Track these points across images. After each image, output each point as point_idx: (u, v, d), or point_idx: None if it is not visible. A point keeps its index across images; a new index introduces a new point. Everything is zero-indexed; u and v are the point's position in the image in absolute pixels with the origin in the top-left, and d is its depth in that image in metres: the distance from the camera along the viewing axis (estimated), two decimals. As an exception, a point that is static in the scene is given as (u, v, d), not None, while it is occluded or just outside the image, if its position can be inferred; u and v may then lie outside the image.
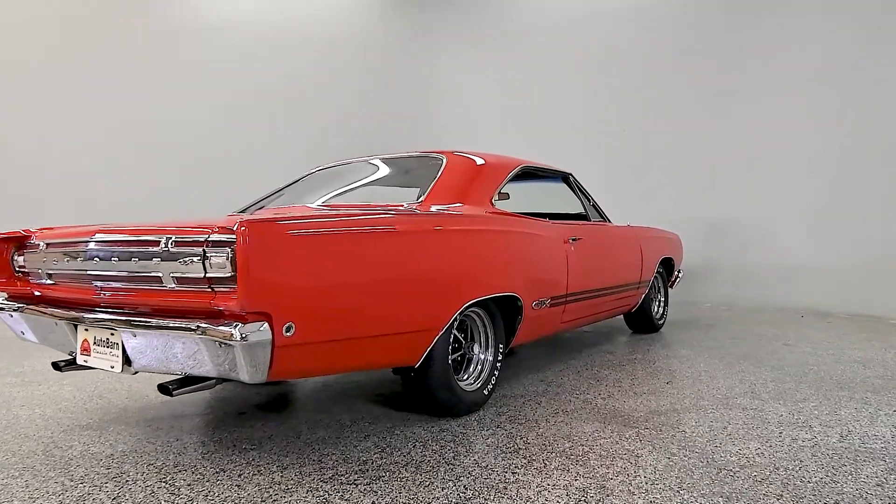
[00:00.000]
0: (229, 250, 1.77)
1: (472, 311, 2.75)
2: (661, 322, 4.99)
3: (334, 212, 2.44)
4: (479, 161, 3.18)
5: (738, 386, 3.14)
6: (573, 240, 3.43)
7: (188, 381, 2.01)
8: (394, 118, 8.10)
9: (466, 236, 2.59)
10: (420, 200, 2.72)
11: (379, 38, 8.55)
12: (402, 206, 2.67)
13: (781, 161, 6.54)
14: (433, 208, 2.67)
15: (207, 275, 1.83)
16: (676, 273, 5.28)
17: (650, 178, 7.28)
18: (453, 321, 2.50)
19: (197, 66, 7.42)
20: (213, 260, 1.81)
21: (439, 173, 2.93)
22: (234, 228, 1.72)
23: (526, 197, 4.14)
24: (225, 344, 1.74)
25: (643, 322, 4.81)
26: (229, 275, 1.77)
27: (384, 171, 3.31)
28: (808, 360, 3.78)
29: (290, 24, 7.98)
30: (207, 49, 7.47)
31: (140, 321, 1.96)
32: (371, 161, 3.45)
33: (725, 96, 6.87)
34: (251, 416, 2.71)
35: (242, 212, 3.24)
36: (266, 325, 1.75)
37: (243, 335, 1.70)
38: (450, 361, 2.53)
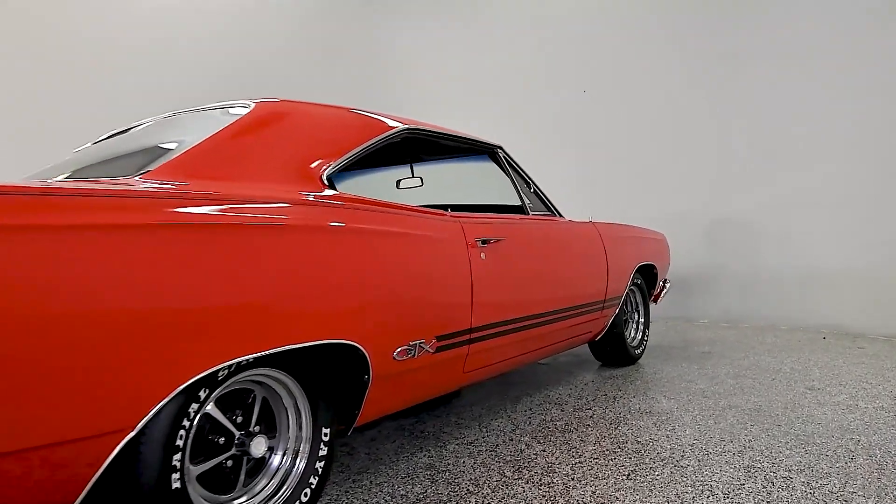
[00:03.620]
0: None
1: (260, 376, 1.52)
2: (639, 351, 3.73)
3: None
4: (310, 115, 1.94)
5: (745, 483, 1.90)
6: (484, 242, 2.19)
7: None
8: (341, 92, 6.85)
9: (225, 237, 1.35)
10: (140, 173, 1.47)
11: (323, 4, 7.31)
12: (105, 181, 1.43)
13: (800, 144, 5.21)
14: (225, 191, 1.43)
15: None
16: (661, 284, 4.03)
17: (634, 166, 5.99)
18: (184, 405, 1.27)
19: (101, 31, 6.17)
20: None
21: (216, 130, 1.69)
22: None
23: (428, 180, 2.94)
24: None
25: (614, 352, 3.56)
26: None
27: (172, 132, 2.06)
28: (850, 422, 2.53)
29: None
30: (117, 8, 6.22)
31: None
32: (169, 119, 2.20)
33: (729, 62, 5.55)
34: None
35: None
36: None
37: None
38: (179, 485, 1.29)
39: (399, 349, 1.79)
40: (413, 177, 3.18)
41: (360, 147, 1.93)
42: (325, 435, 1.64)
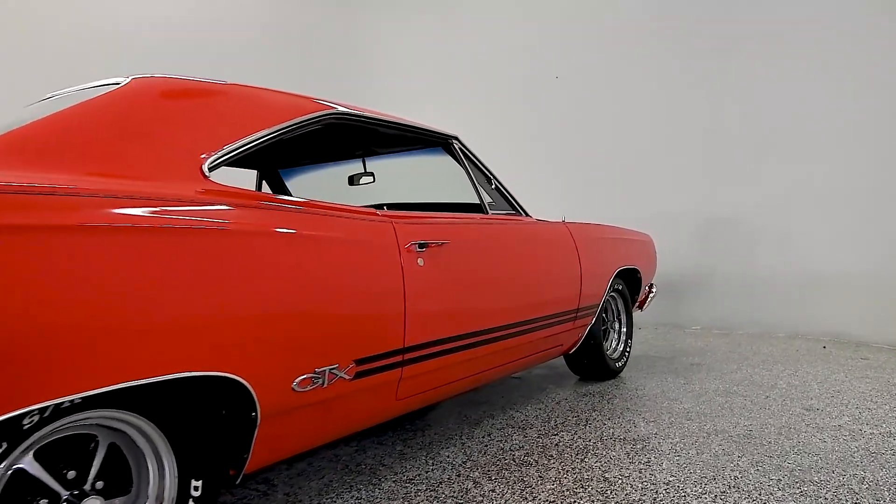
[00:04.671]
0: None
1: (100, 418, 1.19)
2: (620, 364, 3.40)
3: None
4: (200, 94, 1.61)
5: (724, 540, 1.57)
6: (423, 246, 1.86)
7: None
8: (316, 83, 6.51)
9: (21, 240, 1.02)
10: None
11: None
12: None
13: (799, 139, 4.89)
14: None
15: None
16: (647, 289, 3.70)
17: (620, 162, 5.64)
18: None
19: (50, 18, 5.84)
20: None
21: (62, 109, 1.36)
22: None
23: (376, 175, 2.62)
24: None
25: (592, 365, 3.23)
26: None
27: (34, 112, 1.72)
28: (853, 452, 2.19)
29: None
30: None
31: None
32: (52, 99, 1.87)
33: (724, 52, 5.23)
34: None
35: None
36: None
37: None
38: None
39: (300, 378, 1.46)
40: (366, 172, 2.85)
41: (259, 134, 1.60)
42: (196, 489, 1.32)
